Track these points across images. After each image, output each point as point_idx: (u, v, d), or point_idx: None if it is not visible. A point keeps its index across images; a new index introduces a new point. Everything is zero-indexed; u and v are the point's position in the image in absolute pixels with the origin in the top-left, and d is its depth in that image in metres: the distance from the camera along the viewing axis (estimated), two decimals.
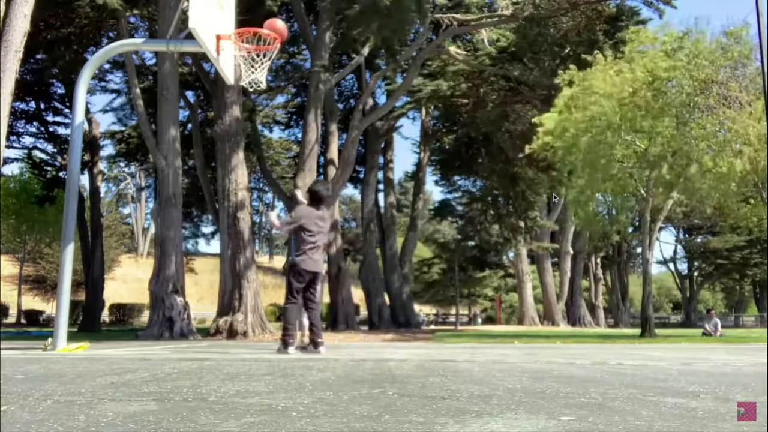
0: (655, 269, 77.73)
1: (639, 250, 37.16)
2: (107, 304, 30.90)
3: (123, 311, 36.88)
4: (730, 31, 14.50)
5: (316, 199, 6.79)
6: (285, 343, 6.47)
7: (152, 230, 50.15)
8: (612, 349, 8.63)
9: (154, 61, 19.66)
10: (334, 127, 22.67)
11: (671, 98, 14.36)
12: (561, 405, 2.11)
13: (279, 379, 3.03)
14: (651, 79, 14.13)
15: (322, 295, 9.14)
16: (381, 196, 27.68)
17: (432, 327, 34.01)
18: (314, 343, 6.57)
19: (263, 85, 8.12)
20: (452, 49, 20.07)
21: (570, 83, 15.32)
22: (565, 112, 15.18)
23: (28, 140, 25.18)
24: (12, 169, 32.66)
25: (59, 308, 7.10)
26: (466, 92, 21.63)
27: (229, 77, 7.98)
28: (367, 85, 22.12)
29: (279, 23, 7.70)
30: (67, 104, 23.18)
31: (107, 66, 23.08)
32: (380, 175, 27.45)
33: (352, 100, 27.39)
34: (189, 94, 21.62)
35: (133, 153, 27.09)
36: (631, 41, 15.39)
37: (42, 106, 24.37)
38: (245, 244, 15.80)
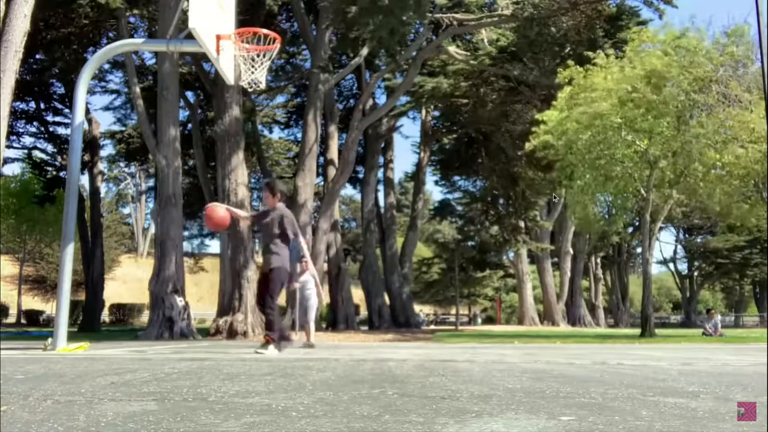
0: (655, 269, 77.78)
1: (639, 250, 37.18)
2: (107, 304, 30.91)
3: (123, 311, 36.89)
4: (732, 30, 14.50)
5: (284, 197, 7.02)
6: (281, 337, 6.54)
7: (152, 230, 50.14)
8: (612, 349, 8.63)
9: (154, 61, 19.67)
10: (333, 128, 22.67)
11: (671, 97, 14.36)
12: (561, 405, 2.11)
13: (279, 379, 3.03)
14: (649, 78, 14.12)
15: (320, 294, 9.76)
16: (381, 196, 27.70)
17: (432, 327, 34.02)
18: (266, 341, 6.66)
19: (263, 85, 8.12)
20: (452, 48, 20.06)
21: (570, 81, 15.29)
22: (565, 110, 15.17)
23: (28, 140, 25.21)
24: (13, 170, 32.64)
25: (59, 308, 7.10)
26: (466, 92, 21.61)
27: (229, 77, 7.98)
28: (367, 85, 22.12)
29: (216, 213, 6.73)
30: (67, 104, 23.17)
31: (107, 66, 23.08)
32: (380, 175, 27.45)
33: (352, 100, 27.39)
34: (189, 94, 21.63)
35: (133, 153, 27.09)
36: (632, 40, 15.38)
37: (42, 106, 24.37)
38: (245, 244, 15.80)
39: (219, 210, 6.78)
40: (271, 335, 6.43)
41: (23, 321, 32.68)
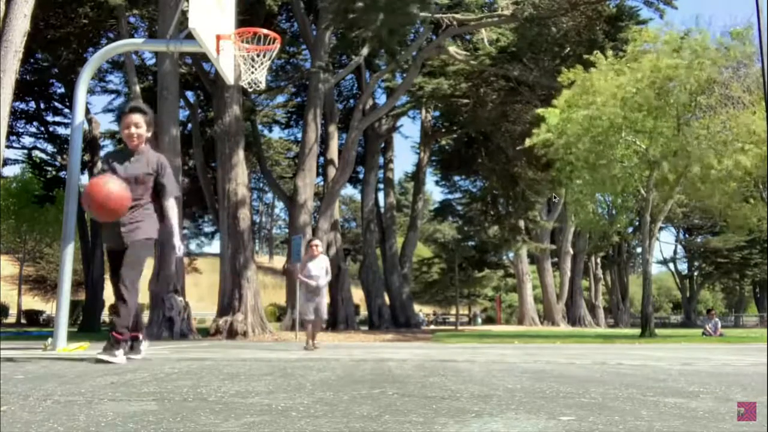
0: (655, 269, 77.83)
1: (639, 250, 37.19)
2: (107, 304, 30.86)
3: None
4: (734, 31, 14.51)
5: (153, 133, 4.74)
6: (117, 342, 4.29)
7: None
8: (612, 349, 8.63)
9: (154, 61, 19.67)
10: (333, 127, 22.67)
11: (675, 98, 14.35)
12: (561, 405, 2.11)
13: (279, 379, 3.03)
14: (653, 78, 14.10)
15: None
16: (381, 196, 27.70)
17: (432, 327, 34.02)
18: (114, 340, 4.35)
19: (262, 85, 8.11)
20: (452, 49, 20.07)
21: (571, 84, 15.27)
22: (566, 111, 15.15)
23: (28, 140, 25.23)
24: (13, 170, 32.68)
25: (59, 308, 7.09)
26: (466, 92, 21.64)
27: (229, 77, 7.97)
28: (367, 86, 22.13)
29: None
30: (67, 104, 23.19)
31: (107, 66, 23.07)
32: (380, 175, 27.47)
33: (352, 100, 27.40)
34: (189, 94, 21.63)
35: None
36: (633, 40, 15.38)
37: (42, 106, 24.39)
38: (245, 244, 15.80)
39: (113, 185, 4.18)
40: (123, 333, 4.32)
41: (23, 321, 32.68)
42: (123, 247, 4.40)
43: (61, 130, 24.82)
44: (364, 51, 18.78)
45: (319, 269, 7.62)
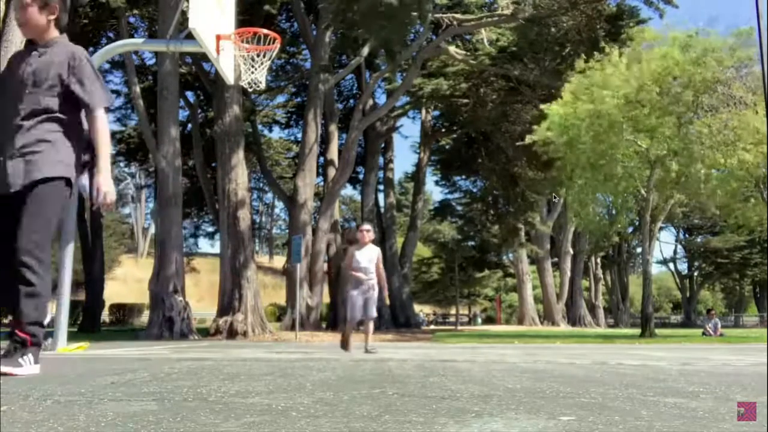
0: (655, 269, 77.83)
1: (639, 250, 37.18)
2: (107, 304, 30.89)
3: (123, 311, 36.86)
4: (736, 31, 14.53)
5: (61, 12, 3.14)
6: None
7: (152, 230, 50.15)
8: (612, 349, 8.63)
9: (154, 61, 19.68)
10: (333, 127, 22.68)
11: (677, 96, 14.35)
12: (561, 405, 2.11)
13: (279, 379, 3.03)
14: (659, 74, 14.06)
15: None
16: (381, 196, 27.69)
17: (432, 327, 34.02)
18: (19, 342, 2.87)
19: (262, 85, 8.12)
20: (452, 49, 20.07)
21: (584, 70, 15.13)
22: (570, 105, 15.07)
23: None
24: None
25: (59, 308, 7.10)
26: (466, 92, 21.64)
27: (229, 77, 7.97)
28: (367, 86, 22.13)
29: None
30: None
31: (107, 66, 23.06)
32: (380, 175, 27.46)
33: (352, 100, 27.40)
34: (189, 94, 21.63)
35: (133, 153, 27.08)
36: (631, 40, 15.38)
37: None
38: (245, 244, 15.80)
39: None
40: (36, 332, 2.88)
41: None
42: (7, 191, 2.78)
43: None
44: (364, 51, 18.78)
45: (369, 261, 6.52)
